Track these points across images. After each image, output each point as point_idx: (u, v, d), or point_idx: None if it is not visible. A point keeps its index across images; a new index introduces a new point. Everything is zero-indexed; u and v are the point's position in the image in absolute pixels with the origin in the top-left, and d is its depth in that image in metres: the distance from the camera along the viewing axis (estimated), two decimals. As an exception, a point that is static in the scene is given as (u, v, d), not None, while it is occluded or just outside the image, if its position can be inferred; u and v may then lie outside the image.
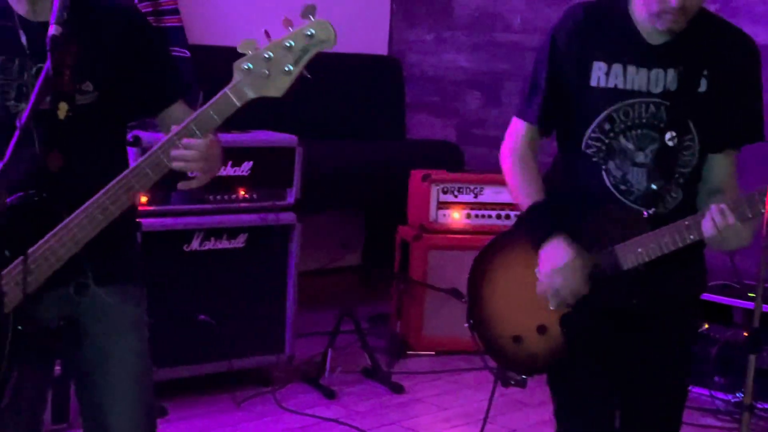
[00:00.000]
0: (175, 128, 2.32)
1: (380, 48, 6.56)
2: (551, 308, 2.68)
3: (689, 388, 2.86)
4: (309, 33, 2.25)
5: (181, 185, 2.36)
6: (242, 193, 4.33)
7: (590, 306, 2.66)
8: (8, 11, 2.41)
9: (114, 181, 2.32)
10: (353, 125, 6.22)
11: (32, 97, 2.15)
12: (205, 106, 2.30)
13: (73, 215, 2.32)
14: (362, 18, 6.18)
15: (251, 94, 2.28)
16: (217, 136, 2.37)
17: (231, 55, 2.28)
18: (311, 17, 2.25)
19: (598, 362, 2.68)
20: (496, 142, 2.86)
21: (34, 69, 2.37)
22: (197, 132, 2.30)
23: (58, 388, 3.66)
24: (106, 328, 2.48)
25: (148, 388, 2.56)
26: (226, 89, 2.28)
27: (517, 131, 2.77)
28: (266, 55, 2.26)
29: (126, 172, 2.32)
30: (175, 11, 5.23)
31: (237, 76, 2.27)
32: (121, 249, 2.53)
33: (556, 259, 2.61)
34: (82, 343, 2.47)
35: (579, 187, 2.68)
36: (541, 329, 2.73)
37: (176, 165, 2.30)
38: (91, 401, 2.53)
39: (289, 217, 4.45)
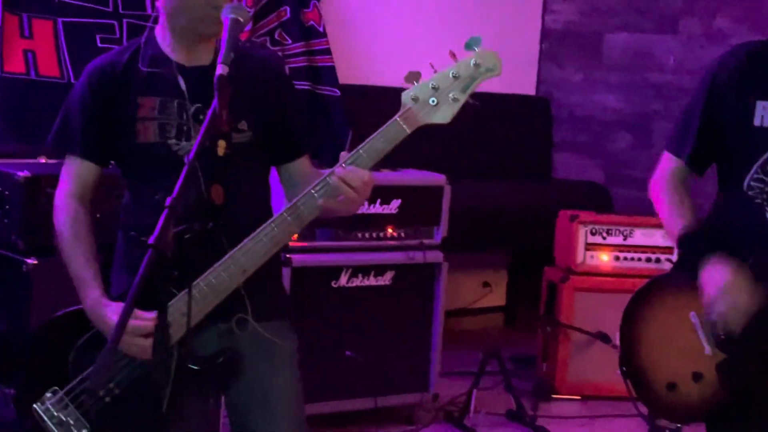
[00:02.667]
0: (345, 155, 2.39)
1: (528, 88, 6.54)
2: (707, 353, 2.62)
3: None
4: (474, 63, 2.33)
5: (323, 202, 2.38)
6: (390, 230, 4.37)
7: (748, 352, 2.58)
8: (166, 59, 2.54)
9: (283, 209, 2.40)
10: (500, 165, 6.21)
11: (200, 134, 2.24)
12: (375, 134, 2.37)
13: (239, 245, 2.39)
14: (511, 58, 6.15)
15: (421, 121, 2.36)
16: (372, 175, 2.41)
17: (379, 94, 2.37)
18: (476, 48, 2.32)
19: (759, 411, 2.59)
20: (646, 184, 2.82)
21: (192, 109, 2.49)
22: (365, 157, 2.37)
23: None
24: (264, 364, 2.54)
25: (302, 423, 2.62)
26: (396, 117, 2.36)
27: (669, 165, 2.75)
28: (433, 85, 2.34)
29: (295, 200, 2.40)
30: (327, 51, 5.34)
31: (406, 104, 2.35)
32: (275, 287, 2.62)
33: (718, 279, 2.53)
34: (240, 378, 2.52)
35: (740, 228, 2.61)
36: (697, 376, 2.66)
37: (332, 180, 2.36)
38: None
39: (435, 256, 4.45)
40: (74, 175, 2.58)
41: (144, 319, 2.37)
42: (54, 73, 4.68)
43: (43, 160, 3.99)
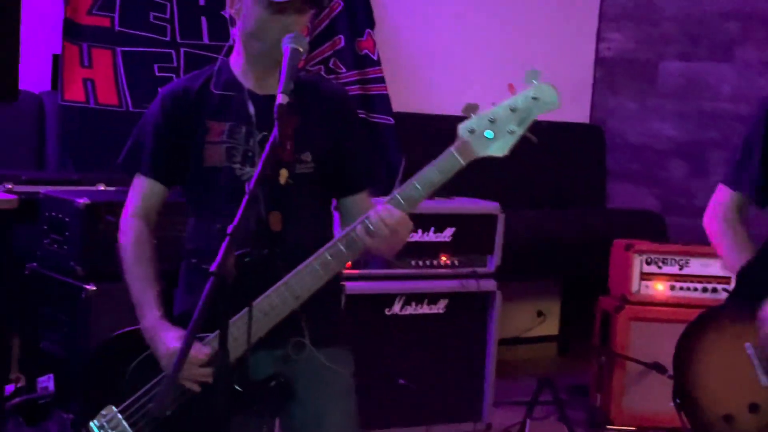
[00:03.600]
0: (402, 186, 2.40)
1: (582, 116, 6.52)
2: (763, 384, 2.59)
3: None
4: (533, 96, 2.32)
5: (358, 233, 2.40)
6: (444, 258, 4.37)
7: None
8: (238, 84, 2.58)
9: (336, 238, 2.43)
10: (554, 193, 6.19)
11: (260, 163, 2.26)
12: (429, 165, 2.38)
13: (293, 272, 2.42)
14: (564, 86, 6.13)
15: (476, 153, 2.36)
16: (405, 216, 2.41)
17: (432, 122, 2.36)
18: (534, 81, 2.31)
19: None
20: (702, 213, 2.80)
21: (259, 136, 2.52)
22: (419, 189, 2.36)
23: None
24: (319, 390, 2.56)
25: None
26: (452, 148, 2.36)
27: (724, 199, 2.73)
28: (490, 118, 2.33)
29: (347, 229, 2.42)
30: (381, 80, 5.38)
31: (462, 137, 2.35)
32: (333, 313, 2.63)
33: None
34: (295, 403, 2.54)
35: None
36: (753, 407, 2.64)
37: (372, 219, 2.37)
38: None
39: (489, 284, 4.44)
40: (141, 194, 2.64)
41: (198, 349, 2.40)
42: (113, 101, 4.77)
43: (101, 188, 4.05)
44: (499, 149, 2.34)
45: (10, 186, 3.90)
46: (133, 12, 4.80)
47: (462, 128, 2.35)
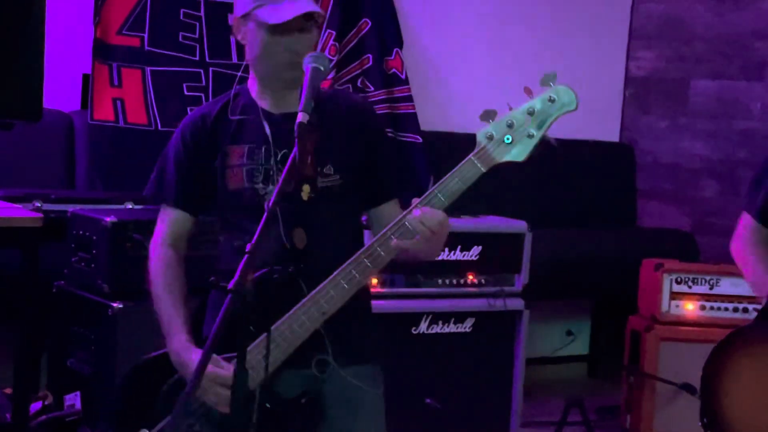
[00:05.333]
0: (416, 200, 2.38)
1: (612, 135, 6.49)
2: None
3: None
4: (550, 98, 2.32)
5: (396, 243, 2.38)
6: (471, 277, 4.35)
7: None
8: (253, 106, 2.60)
9: (359, 252, 2.41)
10: (583, 212, 6.16)
11: (280, 181, 2.26)
12: (450, 174, 2.37)
13: (319, 287, 2.42)
14: (594, 105, 6.14)
15: (496, 159, 2.35)
16: (447, 217, 2.40)
17: (460, 141, 2.34)
18: (551, 84, 2.31)
19: None
20: (733, 233, 2.79)
21: (279, 155, 2.54)
22: (441, 198, 2.35)
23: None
24: (346, 409, 2.55)
25: None
26: (471, 156, 2.35)
27: (745, 224, 2.74)
28: (508, 122, 2.33)
29: (372, 241, 2.41)
30: (409, 98, 5.37)
31: (480, 143, 2.35)
32: (359, 330, 2.60)
33: None
34: (322, 422, 2.52)
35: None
36: (784, 430, 2.60)
37: (408, 221, 2.36)
38: None
39: (516, 303, 4.42)
40: (168, 223, 2.68)
41: (225, 369, 2.40)
42: (142, 120, 4.79)
43: (129, 206, 4.07)
44: (519, 154, 2.33)
45: (38, 204, 3.92)
46: (162, 32, 4.83)
47: (480, 134, 2.35)
